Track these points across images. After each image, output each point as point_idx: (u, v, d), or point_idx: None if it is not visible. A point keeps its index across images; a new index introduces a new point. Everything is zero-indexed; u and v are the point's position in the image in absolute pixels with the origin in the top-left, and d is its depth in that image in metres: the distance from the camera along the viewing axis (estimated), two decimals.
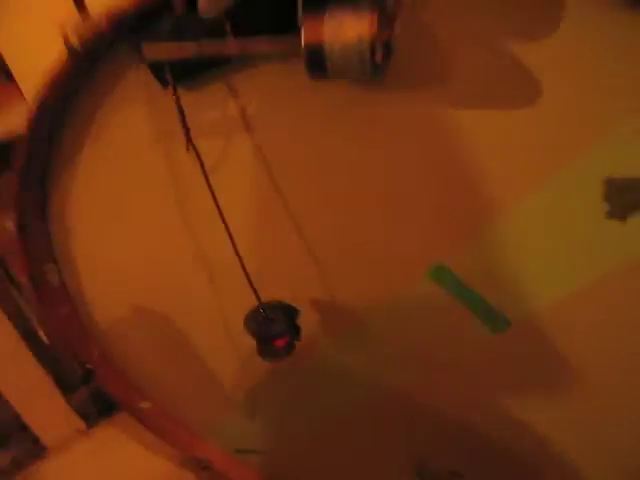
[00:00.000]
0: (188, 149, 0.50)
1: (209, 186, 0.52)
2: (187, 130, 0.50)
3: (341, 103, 0.48)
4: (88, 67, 0.52)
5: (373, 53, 0.40)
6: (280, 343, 0.57)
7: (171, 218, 0.61)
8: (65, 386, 1.13)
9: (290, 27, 0.42)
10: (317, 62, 0.41)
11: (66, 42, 0.47)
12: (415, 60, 0.45)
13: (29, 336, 0.91)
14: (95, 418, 1.12)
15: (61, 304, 0.74)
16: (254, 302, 0.58)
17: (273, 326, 0.57)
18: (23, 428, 1.05)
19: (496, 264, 0.55)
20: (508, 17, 0.42)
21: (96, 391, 1.03)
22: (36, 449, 1.05)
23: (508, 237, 0.52)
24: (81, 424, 1.08)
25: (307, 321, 0.60)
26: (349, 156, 0.52)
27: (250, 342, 0.58)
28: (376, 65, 0.40)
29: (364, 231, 0.56)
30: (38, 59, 0.52)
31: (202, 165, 0.51)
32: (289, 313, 0.58)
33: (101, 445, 1.08)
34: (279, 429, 0.82)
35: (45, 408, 1.08)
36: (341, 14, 0.40)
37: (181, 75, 0.49)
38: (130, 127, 0.56)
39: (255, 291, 0.57)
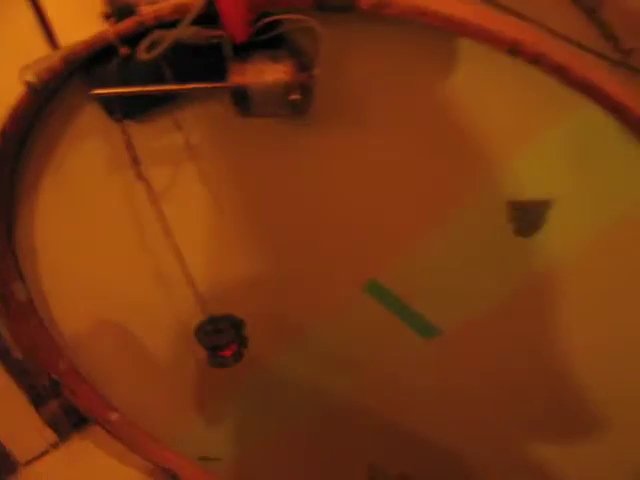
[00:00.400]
0: (138, 178, 0.55)
1: (158, 210, 0.57)
2: (136, 161, 0.55)
3: (273, 134, 0.54)
4: (46, 102, 0.57)
5: (290, 94, 0.45)
6: (227, 353, 0.62)
7: (128, 238, 0.66)
8: (36, 399, 1.15)
9: (222, 75, 0.47)
10: (242, 101, 0.47)
11: (24, 79, 0.52)
12: (337, 97, 0.51)
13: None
14: (68, 431, 1.14)
15: (29, 319, 0.78)
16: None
17: (220, 337, 0.62)
18: None
19: (424, 279, 0.60)
20: (418, 64, 0.48)
21: (68, 403, 1.06)
22: (8, 463, 1.07)
23: (432, 255, 0.58)
24: (53, 437, 1.11)
25: (256, 333, 0.65)
26: (284, 180, 0.57)
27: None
28: (294, 104, 0.46)
29: (304, 249, 0.61)
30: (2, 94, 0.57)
31: (151, 191, 0.56)
32: (236, 324, 0.63)
33: (73, 458, 1.10)
34: (239, 437, 0.86)
35: (16, 422, 1.10)
36: (262, 61, 0.45)
37: (131, 111, 0.54)
38: (87, 155, 0.60)
39: (203, 304, 0.62)
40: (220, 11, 0.42)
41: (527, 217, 0.53)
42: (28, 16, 0.66)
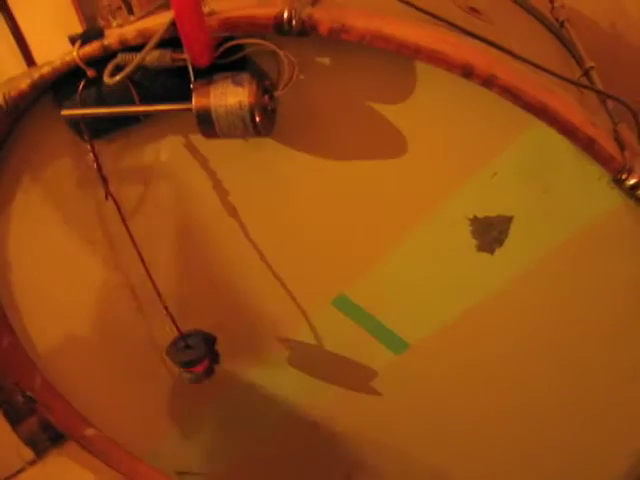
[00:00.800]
0: (107, 198, 0.56)
1: (127, 228, 0.58)
2: (104, 180, 0.55)
3: (239, 152, 0.54)
4: (16, 120, 0.58)
5: (253, 116, 0.46)
6: (199, 369, 0.62)
7: (100, 255, 0.66)
8: (13, 417, 1.14)
9: (187, 96, 0.48)
10: (206, 123, 0.47)
11: None
12: (300, 117, 0.52)
13: None
14: (46, 447, 1.14)
15: (3, 335, 0.78)
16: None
17: (191, 352, 0.62)
18: None
19: (392, 294, 0.61)
20: (377, 84, 0.49)
21: (45, 419, 1.05)
22: None
23: (399, 271, 0.59)
24: (30, 454, 1.10)
25: (228, 348, 0.66)
26: (251, 197, 0.58)
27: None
28: (256, 126, 0.47)
29: (273, 265, 0.62)
30: None
31: (120, 210, 0.57)
32: (207, 340, 0.64)
33: (50, 475, 1.10)
34: (218, 451, 0.86)
35: None
36: (224, 84, 0.46)
37: (100, 130, 0.55)
38: (58, 174, 0.61)
39: (174, 321, 0.63)
40: (182, 36, 0.43)
41: (491, 233, 0.54)
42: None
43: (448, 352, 0.64)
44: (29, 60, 0.93)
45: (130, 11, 0.58)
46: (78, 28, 0.99)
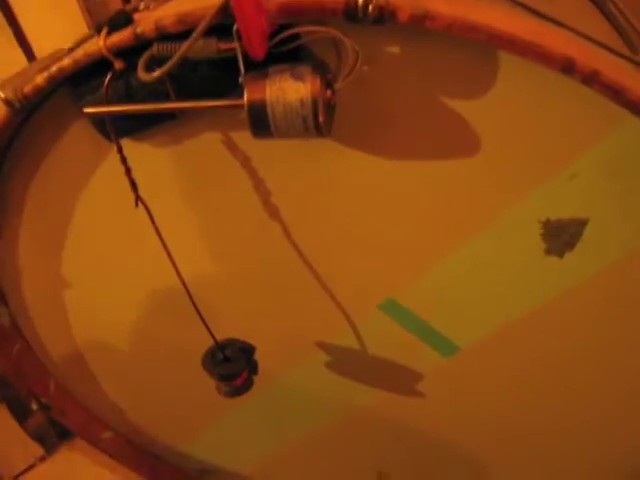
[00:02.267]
0: (137, 204, 0.50)
1: (158, 233, 0.52)
2: (134, 185, 0.49)
3: (283, 153, 0.49)
4: (28, 115, 0.51)
5: (316, 115, 0.40)
6: (239, 382, 0.58)
7: (120, 259, 0.61)
8: (20, 412, 1.10)
9: (230, 90, 0.42)
10: (260, 123, 0.41)
11: (2, 97, 0.46)
12: (357, 114, 0.46)
13: None
14: (54, 442, 1.10)
15: (14, 342, 0.72)
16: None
17: (231, 365, 0.58)
18: None
19: (447, 297, 0.57)
20: (452, 75, 0.43)
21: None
22: None
23: (457, 274, 0.55)
24: (39, 450, 1.07)
25: (267, 353, 0.61)
26: (296, 198, 0.52)
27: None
28: (319, 126, 0.41)
29: (319, 268, 0.57)
30: None
31: (151, 215, 0.51)
32: (246, 351, 0.59)
33: (62, 470, 1.07)
34: (245, 451, 0.83)
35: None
36: (282, 78, 0.40)
37: (127, 129, 0.48)
38: (75, 175, 0.55)
39: (210, 330, 0.58)
40: (239, 23, 0.37)
41: (562, 236, 0.50)
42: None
43: (500, 355, 0.61)
44: (22, 42, 0.84)
45: None
46: (76, 9, 0.90)
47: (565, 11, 0.56)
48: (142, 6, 0.47)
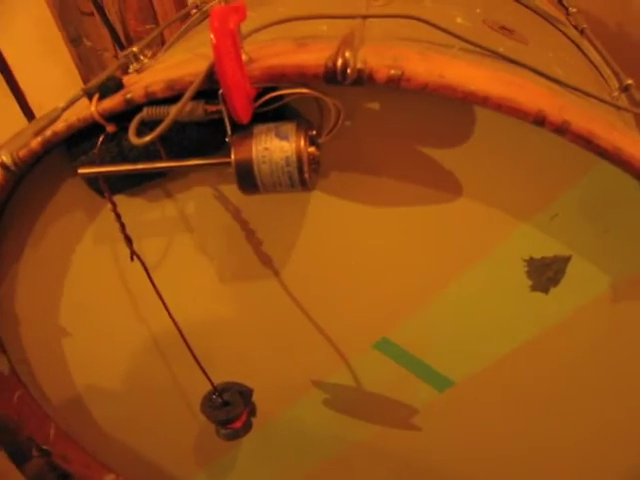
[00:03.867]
0: (132, 258, 0.51)
1: (153, 284, 0.53)
2: (129, 240, 0.50)
3: (271, 204, 0.50)
4: (21, 177, 0.52)
5: (302, 172, 0.42)
6: (238, 425, 0.59)
7: (119, 307, 0.62)
8: (18, 457, 1.09)
9: (217, 147, 0.44)
10: (248, 181, 0.43)
11: None
12: (342, 165, 0.48)
13: None
14: None
15: (14, 390, 0.73)
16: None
17: (229, 409, 0.58)
18: None
19: (436, 334, 0.58)
20: (431, 127, 0.45)
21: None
22: None
23: (448, 312, 0.56)
24: None
25: (262, 393, 0.62)
26: (287, 246, 0.54)
27: None
28: (305, 181, 0.43)
29: (312, 309, 0.58)
30: None
31: (146, 268, 0.52)
32: (244, 393, 0.60)
33: None
34: None
35: None
36: (267, 137, 0.42)
37: (119, 187, 0.50)
38: (69, 229, 0.56)
39: (207, 375, 0.59)
40: (224, 88, 0.39)
41: (546, 273, 0.51)
42: None
43: (493, 388, 0.61)
44: (15, 90, 0.86)
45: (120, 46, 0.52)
46: (62, 47, 0.92)
47: (542, 53, 0.59)
48: (131, 69, 0.49)
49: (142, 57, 0.51)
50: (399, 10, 0.53)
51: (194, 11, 0.84)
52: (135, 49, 0.53)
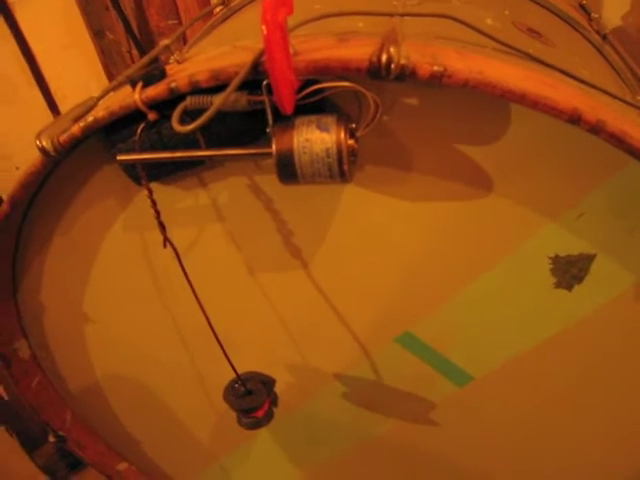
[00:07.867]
0: (165, 245, 0.52)
1: (185, 273, 0.54)
2: (163, 227, 0.51)
3: (306, 192, 0.51)
4: (57, 163, 0.53)
5: (341, 164, 0.43)
6: (260, 414, 0.60)
7: (145, 295, 0.62)
8: (30, 444, 1.10)
9: (255, 138, 0.45)
10: (287, 171, 0.44)
11: (39, 146, 0.48)
12: (377, 158, 0.49)
13: None
14: (65, 475, 1.10)
15: (34, 376, 0.74)
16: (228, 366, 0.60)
17: (252, 398, 0.59)
18: None
19: (458, 329, 0.59)
20: (465, 123, 0.46)
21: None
22: None
23: (471, 308, 0.57)
24: None
25: (284, 384, 0.63)
26: (316, 236, 0.55)
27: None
28: (344, 173, 0.44)
29: (337, 303, 0.59)
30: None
31: (178, 256, 0.53)
32: (266, 383, 0.61)
33: None
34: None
35: (8, 470, 1.06)
36: (308, 129, 0.43)
37: (156, 174, 0.51)
38: (101, 215, 0.57)
39: (232, 365, 0.59)
40: (272, 79, 0.39)
41: (571, 270, 0.52)
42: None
43: (512, 384, 0.62)
44: (37, 76, 0.87)
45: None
46: (86, 40, 0.93)
47: (568, 57, 0.60)
48: (172, 59, 0.50)
49: (175, 50, 0.52)
50: (433, 9, 0.54)
51: (219, 8, 0.85)
52: (167, 41, 0.55)
